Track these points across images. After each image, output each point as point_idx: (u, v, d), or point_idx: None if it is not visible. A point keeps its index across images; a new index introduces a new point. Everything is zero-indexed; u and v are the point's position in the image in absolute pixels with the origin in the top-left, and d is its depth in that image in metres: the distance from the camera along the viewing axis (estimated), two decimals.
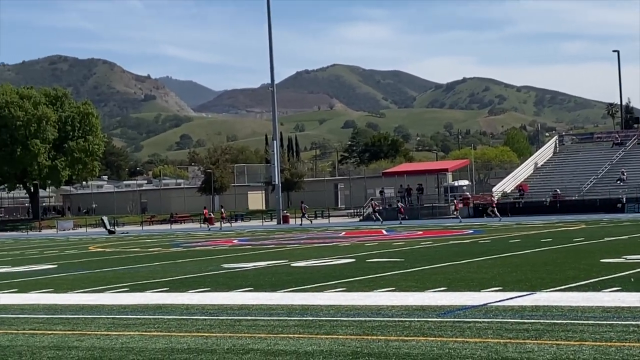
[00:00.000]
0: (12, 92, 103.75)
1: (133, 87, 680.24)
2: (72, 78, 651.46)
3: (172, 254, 35.54)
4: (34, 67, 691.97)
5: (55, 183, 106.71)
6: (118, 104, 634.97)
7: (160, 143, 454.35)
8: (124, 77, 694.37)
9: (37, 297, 19.28)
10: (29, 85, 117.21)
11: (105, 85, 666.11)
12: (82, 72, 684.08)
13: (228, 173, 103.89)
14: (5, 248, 49.91)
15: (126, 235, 63.69)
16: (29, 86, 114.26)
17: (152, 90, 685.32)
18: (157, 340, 12.06)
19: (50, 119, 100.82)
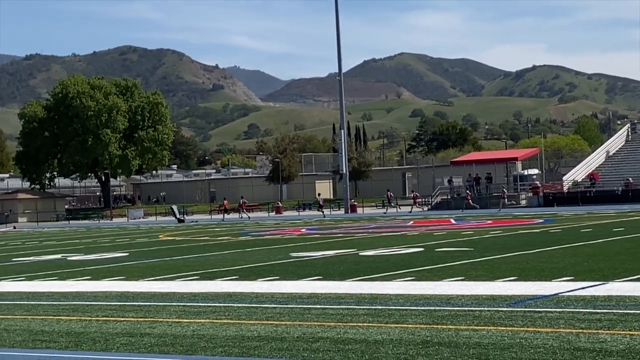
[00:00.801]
0: (83, 83, 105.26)
1: (201, 77, 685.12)
2: (142, 68, 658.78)
3: (241, 242, 35.80)
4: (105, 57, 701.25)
5: (125, 172, 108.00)
6: (187, 94, 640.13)
7: (229, 132, 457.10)
8: (193, 67, 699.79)
9: (109, 285, 19.59)
10: (100, 76, 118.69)
11: (174, 75, 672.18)
12: (152, 63, 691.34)
13: (296, 162, 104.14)
14: (78, 236, 50.76)
15: (195, 224, 64.26)
16: (99, 77, 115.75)
17: (220, 80, 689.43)
18: (228, 328, 12.17)
19: (121, 109, 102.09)
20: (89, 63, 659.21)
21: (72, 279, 21.52)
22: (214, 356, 10.20)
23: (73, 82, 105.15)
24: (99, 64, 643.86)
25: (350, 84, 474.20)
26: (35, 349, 11.27)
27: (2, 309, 15.73)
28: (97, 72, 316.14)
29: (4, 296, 18.15)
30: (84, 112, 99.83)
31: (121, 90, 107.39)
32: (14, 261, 29.93)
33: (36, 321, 13.85)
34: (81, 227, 69.53)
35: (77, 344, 11.49)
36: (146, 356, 10.42)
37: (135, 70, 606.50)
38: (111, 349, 11.02)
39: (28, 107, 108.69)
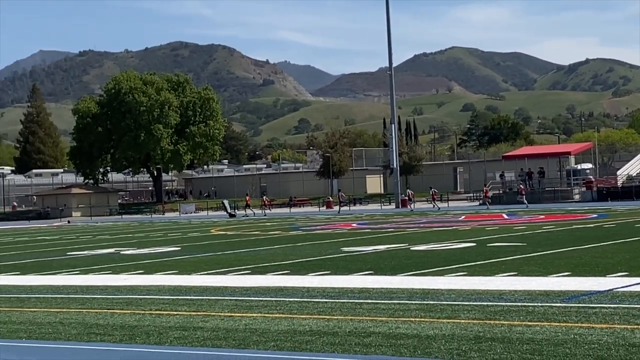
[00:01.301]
0: (135, 79, 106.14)
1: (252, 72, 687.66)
2: (193, 64, 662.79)
3: (292, 237, 35.87)
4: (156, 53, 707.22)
5: (177, 167, 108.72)
6: (237, 89, 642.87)
7: (279, 127, 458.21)
8: (243, 63, 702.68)
9: (162, 279, 19.74)
10: (152, 72, 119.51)
11: (224, 71, 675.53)
12: (203, 58, 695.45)
13: (346, 157, 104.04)
14: (131, 230, 51.23)
15: (246, 219, 64.53)
16: (151, 72, 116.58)
17: (271, 75, 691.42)
18: (280, 322, 12.21)
19: (173, 104, 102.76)
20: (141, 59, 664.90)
21: (126, 273, 21.73)
22: (266, 350, 10.24)
23: (125, 78, 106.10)
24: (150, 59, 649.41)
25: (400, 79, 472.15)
26: (90, 342, 11.40)
27: (58, 302, 15.94)
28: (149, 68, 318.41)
29: (59, 290, 18.38)
30: (137, 108, 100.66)
31: (173, 86, 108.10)
32: (68, 255, 30.31)
33: (91, 314, 14.01)
34: (134, 222, 70.17)
35: (131, 337, 11.60)
36: (199, 350, 10.50)
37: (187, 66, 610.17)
38: (164, 342, 11.11)
39: (81, 103, 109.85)
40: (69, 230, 56.33)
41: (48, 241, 42.29)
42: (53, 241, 41.99)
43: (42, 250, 34.05)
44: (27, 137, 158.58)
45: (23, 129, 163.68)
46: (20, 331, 12.57)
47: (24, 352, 10.95)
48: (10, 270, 24.68)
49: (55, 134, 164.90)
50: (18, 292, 18.23)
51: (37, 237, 48.10)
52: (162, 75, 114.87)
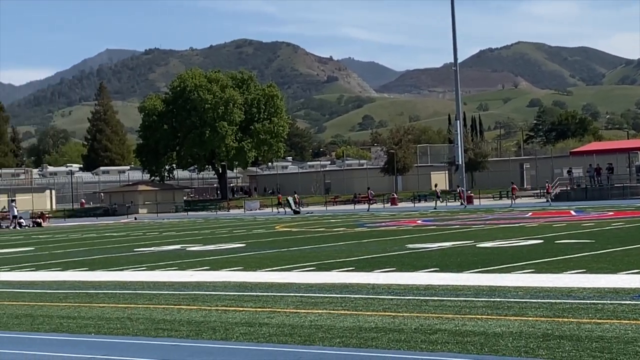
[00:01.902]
0: (200, 76, 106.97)
1: (316, 69, 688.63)
2: (257, 61, 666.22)
3: (356, 233, 35.85)
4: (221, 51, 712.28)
5: (242, 164, 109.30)
6: (301, 86, 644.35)
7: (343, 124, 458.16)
8: (307, 60, 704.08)
9: (228, 275, 19.87)
10: (217, 69, 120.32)
11: (288, 68, 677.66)
12: (267, 55, 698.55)
13: (411, 153, 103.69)
14: (196, 227, 51.66)
15: (311, 215, 64.66)
16: (216, 70, 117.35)
17: (335, 71, 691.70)
18: (345, 318, 12.21)
19: (237, 102, 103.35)
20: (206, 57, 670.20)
21: (192, 269, 21.92)
22: (332, 347, 10.25)
23: (191, 76, 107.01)
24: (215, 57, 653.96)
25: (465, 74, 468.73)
26: (157, 338, 11.52)
27: (125, 298, 16.15)
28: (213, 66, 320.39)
29: (126, 285, 18.62)
30: (202, 105, 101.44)
31: (237, 83, 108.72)
32: (135, 251, 30.67)
33: (158, 310, 14.16)
34: (199, 218, 70.76)
35: (198, 333, 11.71)
36: (265, 345, 10.55)
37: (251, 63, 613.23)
38: (231, 338, 11.19)
39: (147, 100, 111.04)
40: (135, 227, 57.02)
41: (115, 238, 42.85)
42: (120, 238, 42.54)
43: (109, 247, 34.52)
44: (95, 135, 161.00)
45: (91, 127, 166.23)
46: (89, 326, 12.76)
47: (93, 347, 11.11)
48: (79, 266, 25.07)
49: (121, 131, 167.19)
50: (86, 288, 18.51)
51: (105, 233, 48.77)
52: (227, 72, 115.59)
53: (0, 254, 33.33)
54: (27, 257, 30.27)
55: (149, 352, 10.60)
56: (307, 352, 10.02)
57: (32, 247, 36.85)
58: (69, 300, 16.22)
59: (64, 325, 13.02)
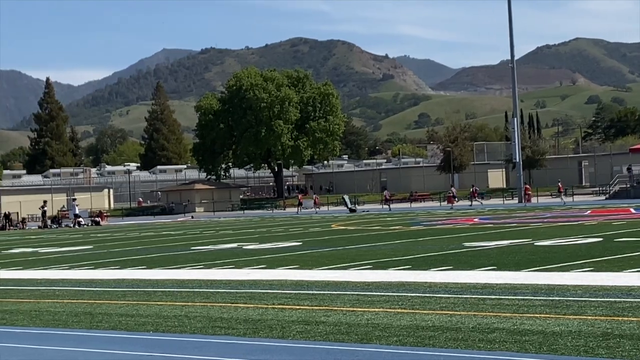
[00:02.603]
0: (256, 75, 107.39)
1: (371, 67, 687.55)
2: (312, 59, 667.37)
3: (413, 232, 35.75)
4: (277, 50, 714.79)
5: (297, 162, 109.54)
6: (357, 84, 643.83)
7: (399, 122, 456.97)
8: (363, 58, 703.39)
9: (284, 273, 19.94)
10: (272, 68, 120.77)
11: (344, 66, 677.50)
12: (322, 54, 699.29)
13: (467, 151, 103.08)
14: (252, 225, 51.90)
15: (367, 214, 64.61)
16: (272, 69, 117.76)
17: (390, 69, 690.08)
18: (402, 317, 12.19)
19: (293, 100, 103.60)
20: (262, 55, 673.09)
21: (248, 268, 22.03)
22: (389, 345, 10.24)
23: (246, 75, 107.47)
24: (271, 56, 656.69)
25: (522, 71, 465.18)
26: (215, 335, 11.60)
27: (182, 296, 16.28)
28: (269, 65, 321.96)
29: (184, 284, 18.78)
30: (257, 104, 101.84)
31: (293, 82, 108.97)
32: (192, 250, 30.91)
33: (215, 308, 14.26)
34: (255, 217, 71.08)
35: (255, 331, 11.76)
36: (321, 344, 10.56)
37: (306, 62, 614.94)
38: (287, 336, 11.23)
39: (204, 99, 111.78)
40: (192, 226, 57.47)
41: (172, 236, 43.22)
42: (177, 236, 42.89)
43: (167, 245, 34.82)
44: (152, 134, 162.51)
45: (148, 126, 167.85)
46: (147, 324, 12.89)
47: (151, 345, 11.22)
48: (137, 264, 25.33)
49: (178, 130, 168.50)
50: (145, 286, 18.70)
51: (162, 232, 49.21)
52: (282, 71, 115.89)
53: (60, 252, 33.82)
54: (86, 256, 30.66)
55: (206, 350, 10.68)
56: (364, 351, 10.02)
57: (91, 246, 37.32)
58: (128, 299, 16.40)
59: (122, 323, 13.17)
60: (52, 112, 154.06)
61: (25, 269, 26.03)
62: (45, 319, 14.10)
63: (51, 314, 14.65)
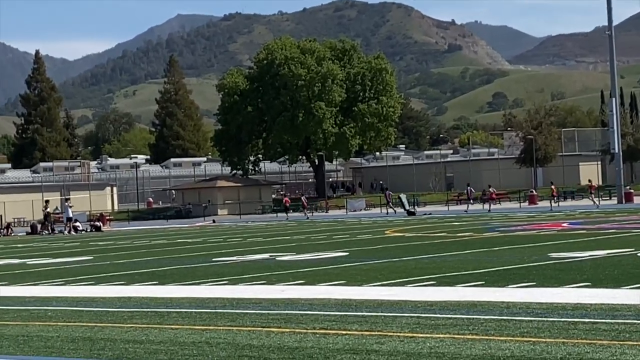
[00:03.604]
0: (292, 46, 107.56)
1: (434, 36, 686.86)
2: (362, 27, 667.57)
3: (486, 239, 35.64)
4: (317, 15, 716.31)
5: (343, 154, 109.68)
6: (416, 57, 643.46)
7: (468, 104, 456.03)
8: (423, 24, 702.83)
9: (327, 290, 19.96)
10: (311, 38, 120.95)
11: (400, 35, 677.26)
12: (373, 20, 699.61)
13: (554, 139, 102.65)
14: (288, 232, 52.01)
15: (429, 217, 64.48)
16: (311, 38, 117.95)
17: (458, 39, 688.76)
18: (473, 344, 12.16)
19: (337, 77, 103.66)
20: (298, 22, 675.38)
21: (283, 283, 22.08)
22: None
23: (280, 46, 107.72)
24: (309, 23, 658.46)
25: (623, 40, 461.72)
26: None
27: (203, 318, 16.36)
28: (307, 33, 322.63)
29: (204, 303, 18.86)
30: (293, 82, 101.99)
31: (337, 55, 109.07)
32: (214, 262, 31.05)
33: (242, 333, 14.30)
34: (292, 221, 71.17)
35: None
36: None
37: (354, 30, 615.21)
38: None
39: (227, 77, 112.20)
40: (214, 232, 57.72)
41: (190, 244, 43.44)
42: (196, 245, 43.11)
43: (183, 256, 35.02)
44: (164, 120, 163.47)
45: (159, 110, 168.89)
46: (159, 352, 12.97)
47: None
48: (147, 279, 25.50)
49: (196, 115, 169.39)
50: (156, 306, 18.81)
51: (177, 239, 49.49)
52: (324, 41, 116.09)
53: (53, 264, 34.14)
54: (84, 269, 30.92)
55: None
56: None
57: (91, 256, 37.63)
58: (135, 321, 16.51)
59: (129, 351, 13.26)
60: (42, 92, 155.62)
61: (11, 284, 26.30)
62: (36, 345, 14.23)
63: (43, 339, 14.78)
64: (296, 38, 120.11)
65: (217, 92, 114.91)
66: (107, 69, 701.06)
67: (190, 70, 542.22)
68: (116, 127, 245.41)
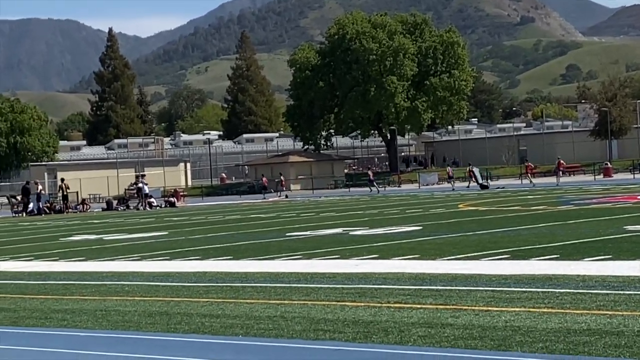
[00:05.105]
0: (363, 21, 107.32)
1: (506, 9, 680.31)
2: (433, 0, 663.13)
3: (561, 212, 35.39)
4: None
5: (415, 128, 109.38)
6: (488, 30, 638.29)
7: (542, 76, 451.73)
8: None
9: (401, 265, 19.95)
10: (383, 12, 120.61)
11: (472, 7, 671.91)
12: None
13: (629, 111, 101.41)
14: (360, 206, 52.00)
15: (502, 191, 64.14)
16: (382, 12, 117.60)
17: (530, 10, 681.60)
18: (548, 318, 12.09)
19: (409, 51, 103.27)
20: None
21: (356, 258, 22.09)
22: (533, 353, 10.17)
23: (351, 21, 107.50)
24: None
25: None
26: (317, 340, 11.67)
27: (278, 293, 16.43)
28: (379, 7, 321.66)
29: (278, 277, 18.94)
30: (365, 57, 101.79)
31: (409, 29, 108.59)
32: (287, 236, 31.14)
33: (317, 307, 14.34)
34: (364, 195, 71.16)
35: (366, 335, 11.80)
36: (448, 351, 10.55)
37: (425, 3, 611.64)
38: (407, 341, 11.23)
39: (299, 52, 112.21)
40: (287, 207, 57.88)
41: (263, 219, 43.60)
42: (269, 220, 43.25)
43: (257, 231, 35.16)
44: (236, 96, 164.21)
45: (231, 86, 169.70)
46: (235, 326, 13.05)
47: (241, 351, 11.35)
48: (222, 254, 25.64)
49: (268, 90, 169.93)
50: (231, 281, 18.92)
51: (251, 214, 49.70)
52: (396, 15, 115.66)
53: (129, 239, 34.47)
54: (159, 244, 31.18)
55: (308, 358, 10.76)
56: (501, 359, 10.00)
57: (165, 232, 37.94)
58: (211, 296, 16.63)
59: (205, 325, 13.36)
60: (116, 69, 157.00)
61: (88, 260, 26.63)
62: (113, 319, 14.41)
63: (120, 314, 14.96)
64: (367, 12, 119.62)
65: (289, 68, 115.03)
66: (179, 45, 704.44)
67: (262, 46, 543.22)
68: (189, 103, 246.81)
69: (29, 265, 26.00)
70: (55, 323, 14.44)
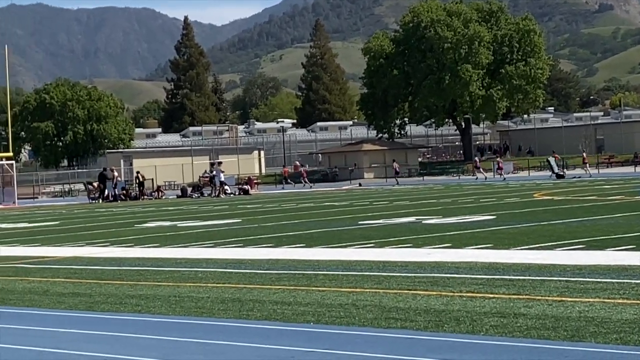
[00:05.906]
0: (438, 9, 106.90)
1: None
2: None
3: (637, 203, 35.05)
4: None
5: (490, 117, 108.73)
6: (566, 18, 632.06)
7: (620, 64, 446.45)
8: None
9: (473, 254, 19.89)
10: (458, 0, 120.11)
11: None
12: None
13: None
14: (435, 195, 51.90)
15: (578, 180, 63.64)
16: (457, 0, 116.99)
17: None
18: (624, 309, 11.99)
19: (484, 39, 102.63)
20: None
21: (429, 247, 22.07)
22: (607, 344, 10.10)
23: (426, 9, 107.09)
24: None
25: None
26: (389, 329, 11.69)
27: (349, 281, 16.47)
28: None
29: (350, 266, 18.98)
30: (440, 45, 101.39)
31: (484, 17, 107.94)
32: (360, 225, 31.18)
33: (389, 296, 14.36)
34: (438, 184, 71.02)
35: (438, 324, 11.79)
36: (521, 341, 10.52)
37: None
38: (478, 331, 11.21)
39: (373, 40, 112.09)
40: (360, 195, 57.94)
41: (336, 208, 43.70)
42: (342, 208, 43.35)
43: (329, 219, 35.24)
44: (310, 84, 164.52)
45: (305, 74, 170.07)
46: (307, 314, 13.11)
47: (313, 339, 11.40)
48: (294, 241, 25.74)
49: (342, 79, 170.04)
50: (304, 268, 19.00)
51: (324, 203, 49.81)
52: (471, 3, 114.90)
53: (203, 227, 34.72)
54: (233, 231, 31.36)
55: (379, 346, 10.77)
56: (575, 350, 9.92)
57: (239, 219, 38.14)
58: (283, 283, 16.71)
59: (277, 312, 13.43)
60: (191, 57, 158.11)
61: (162, 246, 26.86)
62: (187, 305, 14.54)
63: (193, 300, 15.10)
64: (442, 0, 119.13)
65: (363, 56, 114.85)
66: (254, 33, 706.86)
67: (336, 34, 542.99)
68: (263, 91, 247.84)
69: (105, 251, 26.33)
70: (130, 308, 14.62)
